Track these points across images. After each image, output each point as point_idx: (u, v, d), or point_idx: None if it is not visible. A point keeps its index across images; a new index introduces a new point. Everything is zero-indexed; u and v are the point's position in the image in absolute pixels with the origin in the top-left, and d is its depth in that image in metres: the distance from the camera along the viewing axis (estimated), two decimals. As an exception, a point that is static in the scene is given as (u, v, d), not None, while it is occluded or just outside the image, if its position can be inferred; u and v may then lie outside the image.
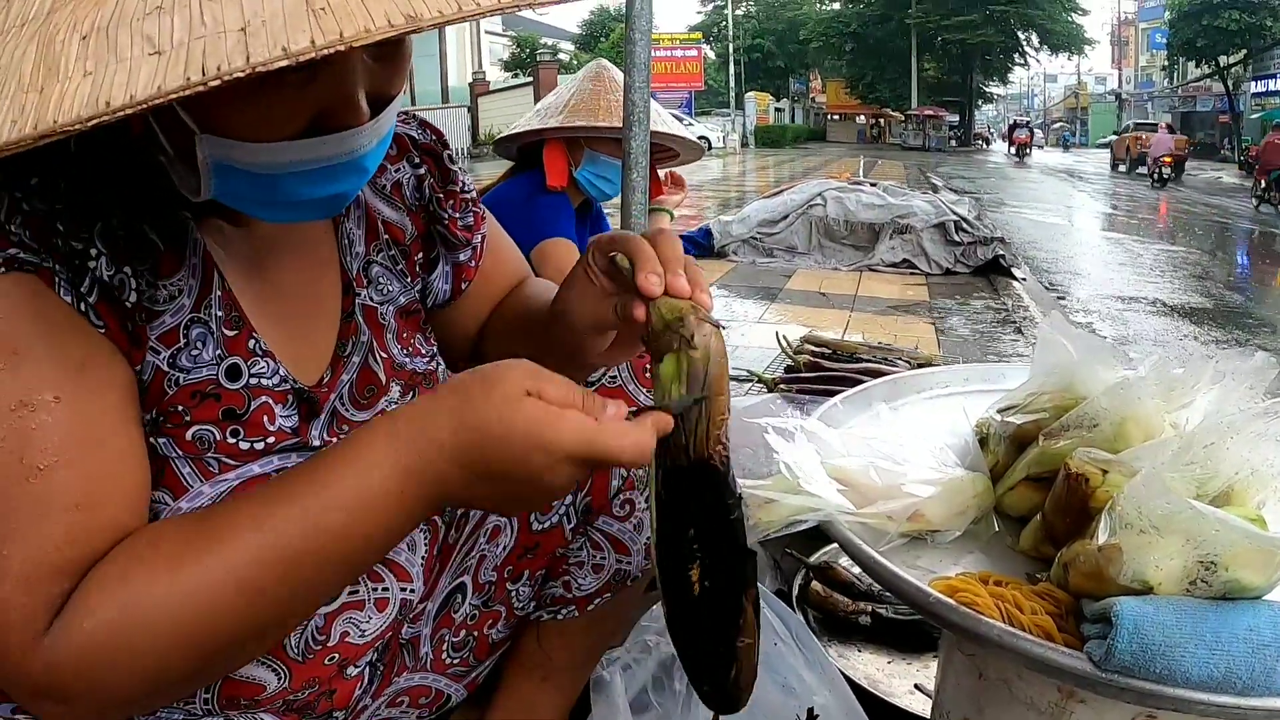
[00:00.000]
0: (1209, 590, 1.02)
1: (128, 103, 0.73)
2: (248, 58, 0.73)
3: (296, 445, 1.18)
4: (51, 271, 0.96)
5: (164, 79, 0.73)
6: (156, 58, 0.74)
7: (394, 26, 0.76)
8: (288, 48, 0.73)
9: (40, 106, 0.76)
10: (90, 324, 0.99)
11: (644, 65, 2.36)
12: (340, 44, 0.74)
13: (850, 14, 70.17)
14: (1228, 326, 8.54)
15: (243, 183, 1.00)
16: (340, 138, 1.00)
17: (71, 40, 0.77)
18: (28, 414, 0.93)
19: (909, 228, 9.18)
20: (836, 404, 1.65)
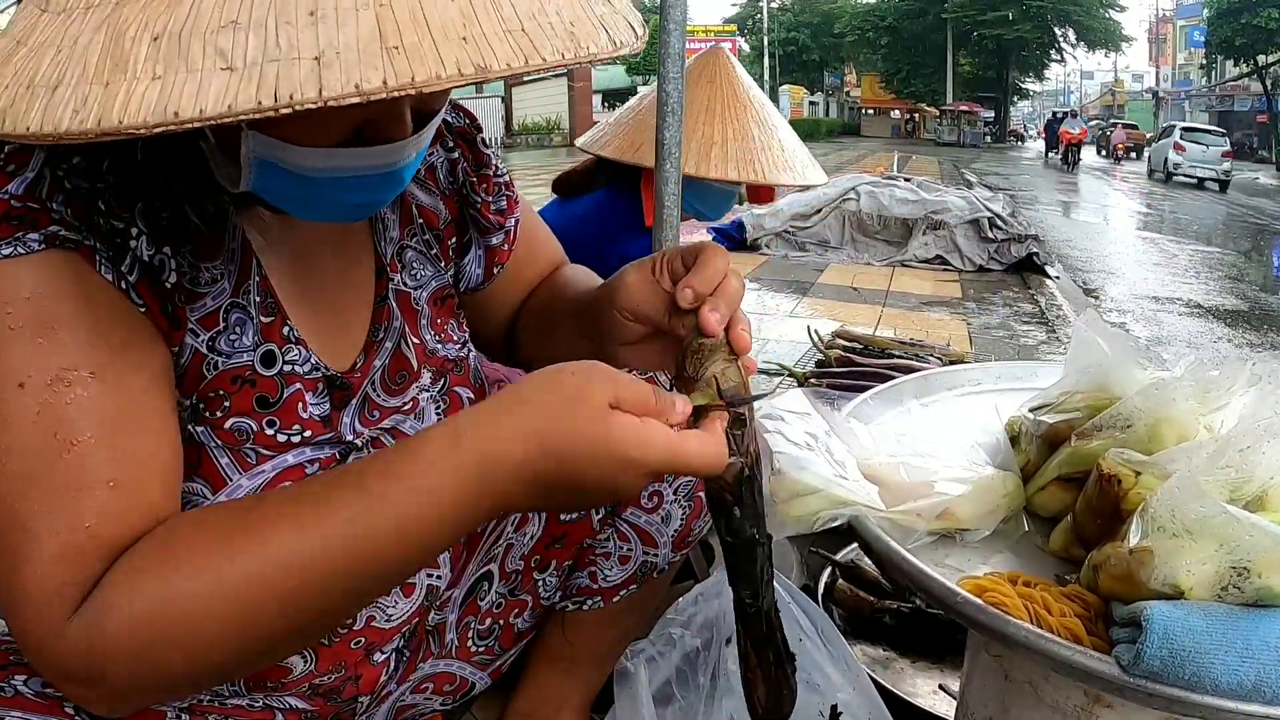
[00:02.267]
0: (1241, 596, 1.01)
1: (197, 116, 0.73)
2: (320, 90, 0.73)
3: (330, 438, 1.18)
4: (93, 249, 0.96)
5: (235, 98, 0.73)
6: (228, 73, 0.74)
7: (464, 75, 0.77)
8: (360, 85, 0.74)
9: (105, 102, 0.76)
10: (131, 303, 0.99)
11: (678, 56, 2.33)
12: (411, 88, 0.75)
13: (886, 8, 69.86)
14: (1263, 329, 8.46)
15: (282, 181, 1.00)
16: (383, 150, 1.00)
17: (142, 39, 0.77)
18: (63, 389, 0.93)
19: (942, 223, 9.14)
20: (867, 400, 1.64)
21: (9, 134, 0.80)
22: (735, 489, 1.07)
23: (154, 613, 0.92)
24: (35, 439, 0.92)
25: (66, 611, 0.92)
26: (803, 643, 1.65)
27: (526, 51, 0.80)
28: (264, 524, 0.96)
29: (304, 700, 1.27)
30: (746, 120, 2.75)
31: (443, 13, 0.78)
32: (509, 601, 1.50)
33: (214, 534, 0.96)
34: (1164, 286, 10.50)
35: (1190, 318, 8.85)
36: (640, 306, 1.23)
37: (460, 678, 1.49)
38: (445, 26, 0.78)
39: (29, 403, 0.92)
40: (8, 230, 0.93)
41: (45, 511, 0.92)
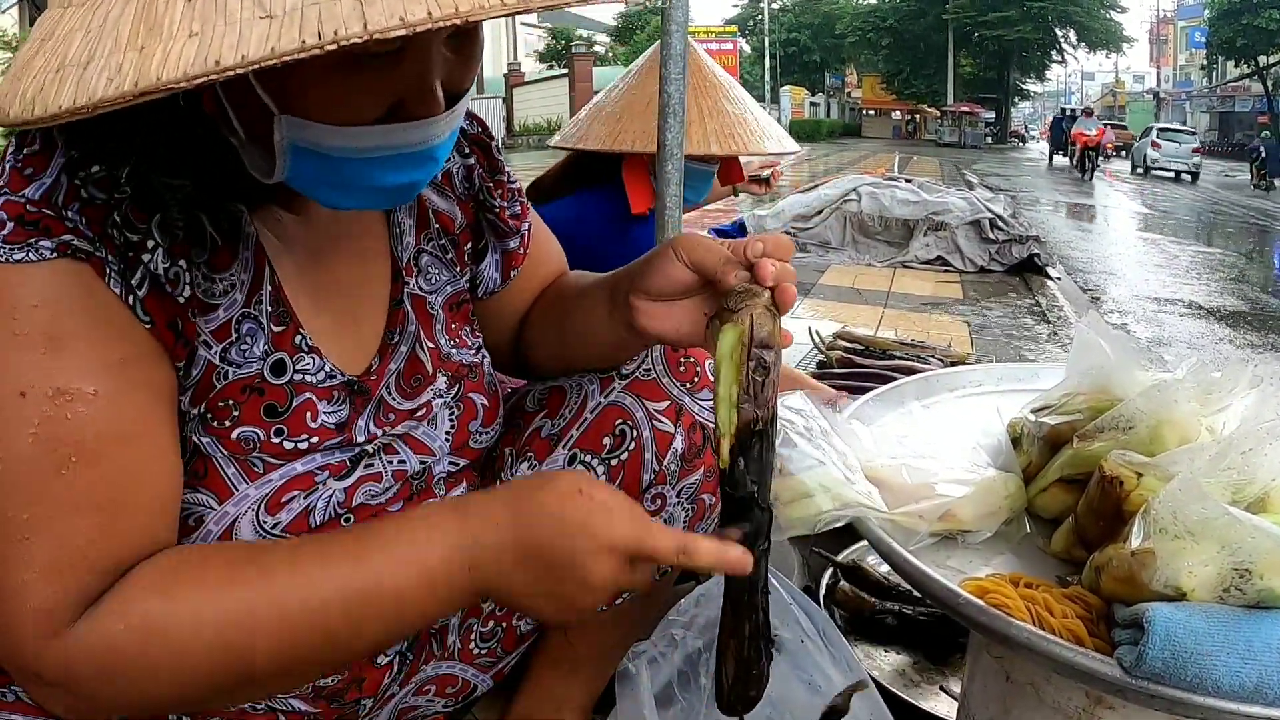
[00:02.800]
0: (1243, 598, 1.01)
1: (239, 62, 0.73)
2: (365, 24, 0.73)
3: (340, 443, 1.18)
4: (104, 261, 0.96)
5: (278, 41, 0.73)
6: (268, 21, 0.74)
7: (506, 6, 0.76)
8: (405, 17, 0.73)
9: (141, 64, 0.76)
10: (136, 319, 0.99)
11: (680, 57, 2.34)
12: (456, 18, 0.74)
13: (887, 9, 69.85)
14: (1264, 330, 8.45)
15: (317, 166, 1.00)
16: (418, 126, 1.00)
17: (175, 3, 0.77)
18: (64, 403, 0.93)
19: (944, 224, 9.13)
20: (869, 401, 1.65)
21: (40, 118, 0.80)
22: (745, 439, 1.07)
23: (147, 633, 0.93)
24: (33, 451, 0.92)
25: (59, 624, 0.93)
26: (804, 644, 1.65)
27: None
28: (272, 564, 1.00)
29: (307, 703, 1.27)
30: (718, 98, 2.82)
31: None
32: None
33: (216, 567, 0.99)
34: (1165, 287, 10.49)
35: (1191, 318, 8.85)
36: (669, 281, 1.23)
37: (462, 680, 1.49)
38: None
39: (29, 413, 0.93)
40: (21, 235, 0.93)
41: (37, 524, 0.93)
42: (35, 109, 0.80)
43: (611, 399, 1.46)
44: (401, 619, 1.05)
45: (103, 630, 0.93)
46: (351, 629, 1.01)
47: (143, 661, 0.94)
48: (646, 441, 1.46)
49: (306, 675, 1.10)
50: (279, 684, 1.07)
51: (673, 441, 1.46)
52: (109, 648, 0.93)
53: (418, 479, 1.31)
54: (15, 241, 0.93)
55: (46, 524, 0.93)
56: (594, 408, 1.46)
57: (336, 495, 1.20)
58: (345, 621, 1.00)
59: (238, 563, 1.00)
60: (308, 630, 0.99)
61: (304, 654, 1.01)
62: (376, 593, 1.01)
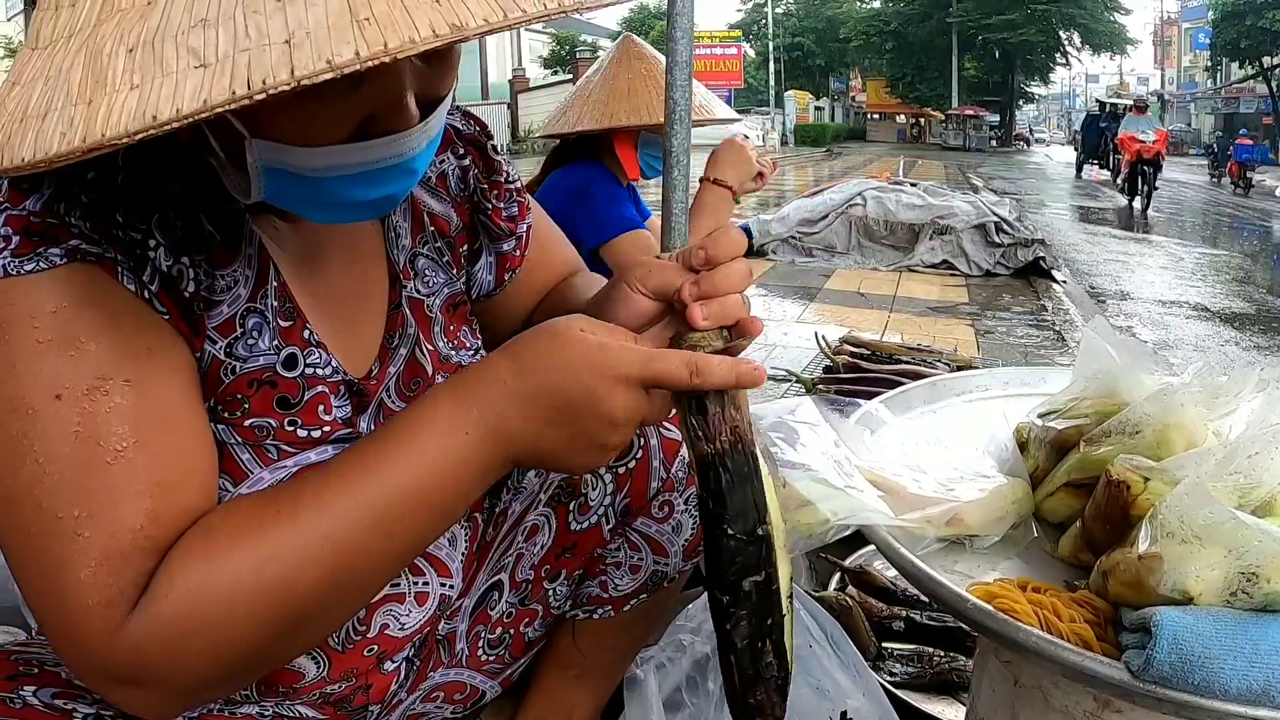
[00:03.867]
0: (1250, 602, 1.01)
1: (174, 116, 0.74)
2: (292, 70, 0.73)
3: (351, 436, 1.19)
4: (114, 261, 0.97)
5: (209, 93, 0.74)
6: (202, 70, 0.74)
7: (439, 37, 0.76)
8: (331, 60, 0.73)
9: (89, 119, 0.77)
10: (155, 311, 1.00)
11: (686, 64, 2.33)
12: (385, 55, 0.74)
13: (891, 12, 69.82)
14: (1270, 332, 8.44)
15: (293, 185, 1.01)
16: (390, 141, 0.99)
17: (118, 53, 0.78)
18: (101, 398, 0.94)
19: (949, 228, 9.13)
20: (875, 406, 1.65)
21: (7, 169, 0.81)
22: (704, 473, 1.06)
23: (195, 597, 0.93)
24: (78, 448, 0.93)
25: (121, 617, 0.92)
26: (812, 649, 1.66)
27: (504, 5, 0.79)
28: (296, 498, 0.99)
29: (315, 709, 1.27)
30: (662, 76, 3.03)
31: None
32: (519, 611, 1.50)
33: (248, 515, 0.99)
34: (1170, 290, 10.48)
35: (1197, 321, 8.83)
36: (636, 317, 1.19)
37: (471, 686, 1.49)
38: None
39: (68, 413, 0.93)
40: (29, 246, 0.94)
41: (92, 519, 0.93)
42: (4, 159, 0.81)
43: (619, 406, 1.46)
44: (440, 510, 1.04)
45: (156, 611, 0.92)
46: (389, 538, 1.00)
47: (198, 626, 0.93)
48: (654, 449, 1.47)
49: (360, 597, 1.07)
50: (334, 613, 1.05)
51: (680, 449, 1.46)
52: (168, 622, 0.92)
53: None
54: (24, 254, 0.93)
55: (99, 518, 0.93)
56: None
57: None
58: (379, 534, 0.99)
59: (266, 506, 0.99)
60: (343, 551, 0.98)
61: (349, 576, 1.00)
62: (403, 497, 1.00)
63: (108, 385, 0.94)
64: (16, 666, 1.09)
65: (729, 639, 1.07)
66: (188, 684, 0.97)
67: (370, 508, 0.99)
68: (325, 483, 1.00)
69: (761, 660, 1.07)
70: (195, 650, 0.94)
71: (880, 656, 2.20)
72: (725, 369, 1.03)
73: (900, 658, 2.19)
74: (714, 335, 1.09)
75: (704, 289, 1.09)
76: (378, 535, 0.99)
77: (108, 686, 0.97)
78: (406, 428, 1.02)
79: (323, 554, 0.97)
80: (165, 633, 0.93)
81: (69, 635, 0.94)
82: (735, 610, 1.06)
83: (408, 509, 1.00)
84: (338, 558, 0.98)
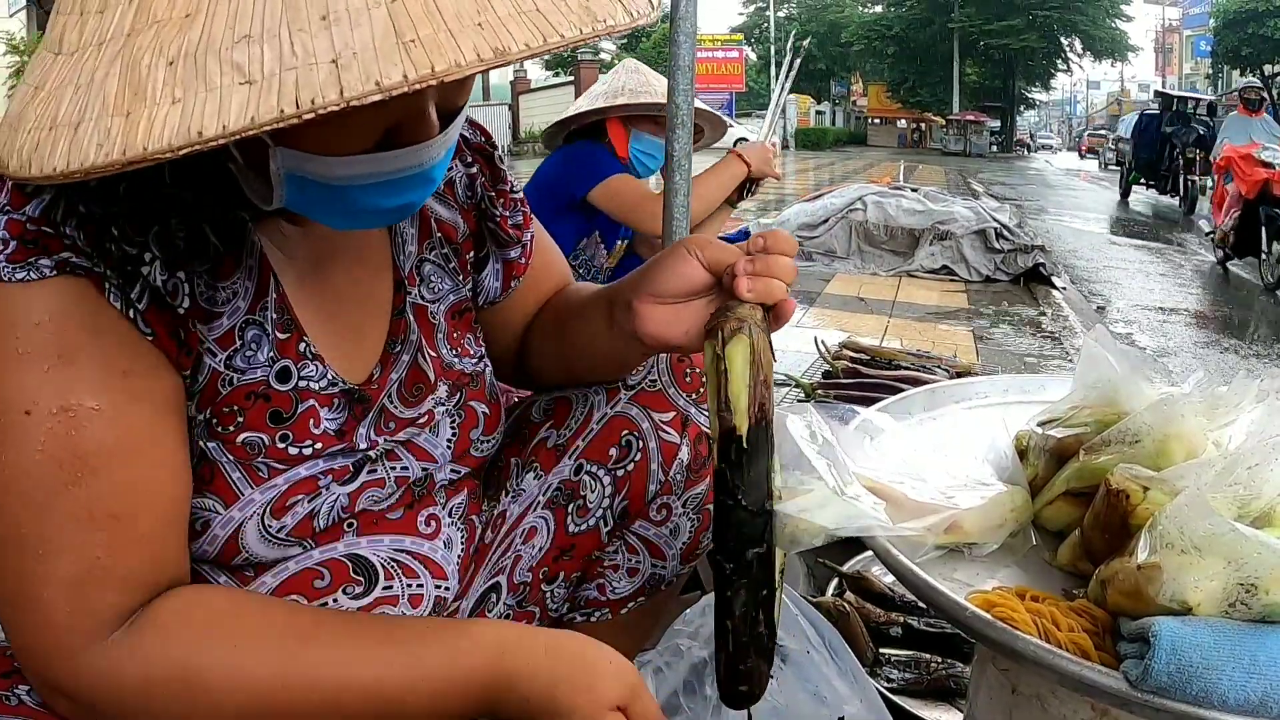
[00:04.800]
0: (1248, 613, 1.01)
1: (220, 133, 0.74)
2: (341, 91, 0.74)
3: (342, 449, 1.20)
4: (103, 277, 0.98)
5: (257, 109, 0.74)
6: (248, 87, 0.75)
7: (483, 61, 0.78)
8: (380, 81, 0.75)
9: (128, 131, 0.77)
10: (138, 332, 1.00)
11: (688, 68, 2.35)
12: (431, 79, 0.76)
13: (892, 17, 69.86)
14: (1269, 341, 8.44)
15: (314, 193, 1.01)
16: (413, 151, 1.01)
17: (158, 65, 0.78)
18: (69, 419, 0.95)
19: (949, 234, 9.14)
20: (875, 413, 1.65)
21: (35, 177, 0.81)
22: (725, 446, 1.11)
23: (184, 679, 0.97)
24: (41, 468, 0.95)
25: (85, 636, 0.95)
26: (809, 654, 1.65)
27: (544, 30, 0.81)
28: (304, 633, 1.05)
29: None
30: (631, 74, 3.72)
31: (456, 1, 0.79)
32: (517, 613, 1.50)
33: (254, 619, 1.03)
34: (1170, 297, 10.48)
35: (1196, 328, 8.84)
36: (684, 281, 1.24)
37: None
38: (460, 14, 0.78)
39: (35, 431, 0.95)
40: (23, 254, 0.94)
41: (52, 540, 0.95)
42: (31, 167, 0.81)
43: (617, 410, 1.46)
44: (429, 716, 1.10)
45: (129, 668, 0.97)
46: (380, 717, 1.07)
47: (176, 708, 0.98)
48: (653, 452, 1.47)
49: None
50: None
51: (678, 452, 1.47)
52: (134, 686, 0.97)
53: (419, 485, 1.32)
54: (17, 261, 0.94)
55: (61, 540, 0.95)
56: (600, 418, 1.47)
57: (340, 500, 1.21)
58: (378, 711, 1.05)
59: (277, 624, 1.04)
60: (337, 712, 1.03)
61: None
62: (412, 689, 1.06)
63: (77, 409, 0.96)
64: (12, 664, 1.09)
65: (729, 606, 1.13)
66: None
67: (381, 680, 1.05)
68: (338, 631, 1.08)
69: (755, 629, 1.13)
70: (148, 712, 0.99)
71: (878, 662, 2.20)
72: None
73: (898, 664, 2.19)
74: (755, 311, 1.15)
75: (756, 268, 1.16)
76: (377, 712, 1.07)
77: (45, 693, 1.01)
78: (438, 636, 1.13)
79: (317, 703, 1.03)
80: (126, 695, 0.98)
81: (29, 644, 0.98)
82: (737, 579, 1.12)
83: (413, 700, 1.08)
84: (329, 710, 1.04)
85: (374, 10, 0.77)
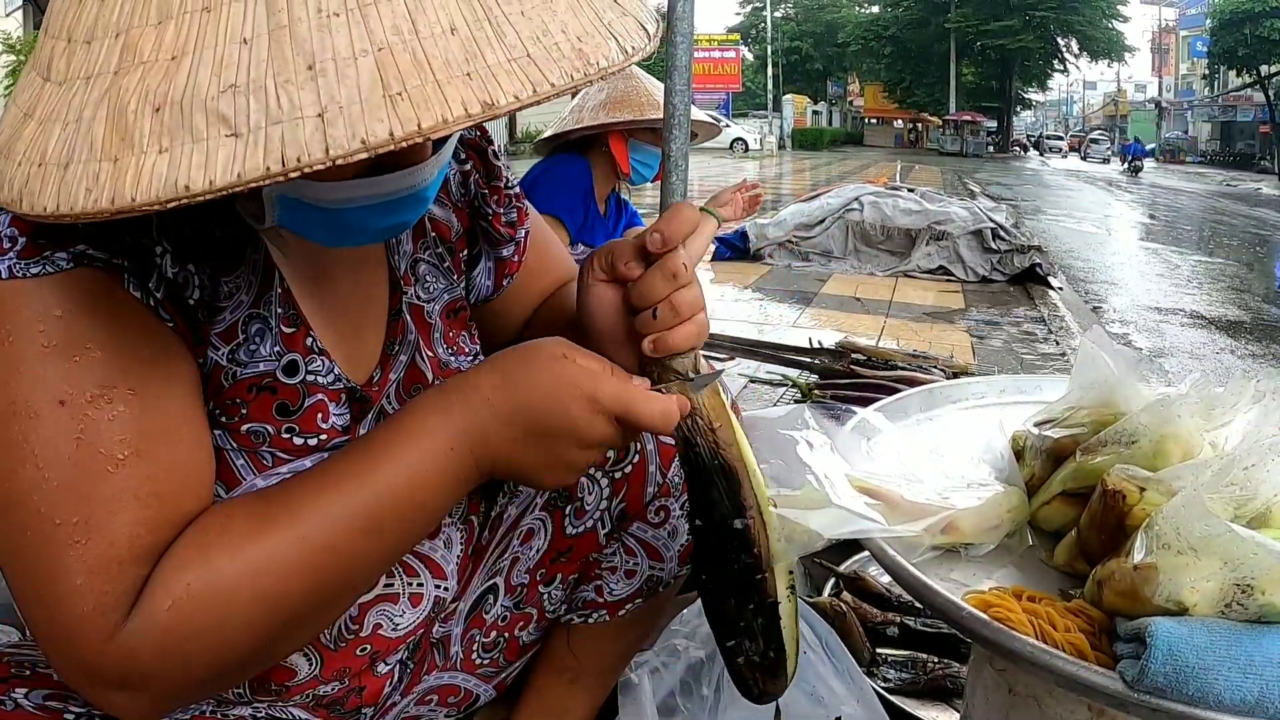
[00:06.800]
0: (1244, 613, 1.01)
1: (207, 189, 0.74)
2: (326, 149, 0.73)
3: (347, 443, 1.19)
4: (120, 268, 0.97)
5: (243, 166, 0.74)
6: (234, 140, 0.74)
7: (471, 116, 0.77)
8: (366, 139, 0.74)
9: (116, 178, 0.76)
10: (159, 319, 1.00)
11: (685, 68, 2.36)
12: (418, 136, 0.75)
13: (889, 17, 70.05)
14: (1265, 341, 8.45)
15: (307, 214, 1.02)
16: (406, 174, 1.01)
17: (144, 111, 0.77)
18: (105, 405, 0.95)
19: (946, 234, 9.15)
20: (871, 414, 1.65)
21: (28, 214, 0.81)
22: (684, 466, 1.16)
23: (195, 598, 0.95)
24: (79, 455, 0.94)
25: (115, 623, 0.94)
26: (807, 654, 1.66)
27: (534, 80, 0.80)
28: (290, 499, 1.03)
29: (308, 711, 1.27)
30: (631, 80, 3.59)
31: (444, 50, 0.78)
32: (514, 614, 1.50)
33: (243, 517, 1.01)
34: (1166, 297, 10.49)
35: (1192, 328, 8.85)
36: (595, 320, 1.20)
37: (465, 690, 1.49)
38: (448, 64, 0.77)
39: (71, 420, 0.94)
40: (36, 250, 0.94)
41: (89, 526, 0.94)
42: (23, 203, 0.81)
43: (615, 411, 1.46)
44: (425, 514, 1.09)
45: (152, 613, 0.94)
46: (376, 542, 1.04)
47: (195, 631, 0.95)
48: (650, 454, 1.47)
49: (348, 598, 1.12)
50: (323, 616, 1.09)
51: (676, 454, 1.47)
52: (164, 628, 0.94)
53: None
54: (30, 256, 0.94)
55: (97, 525, 0.93)
56: None
57: None
58: (368, 538, 1.03)
59: (260, 512, 1.01)
60: (334, 556, 1.01)
61: (338, 579, 1.03)
62: (392, 502, 1.04)
63: (111, 393, 0.95)
64: (9, 668, 1.09)
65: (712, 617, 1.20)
66: (179, 687, 0.99)
67: (361, 512, 1.02)
68: (317, 488, 1.04)
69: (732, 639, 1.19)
70: (191, 654, 0.96)
71: (875, 662, 2.20)
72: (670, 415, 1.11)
73: (895, 664, 2.19)
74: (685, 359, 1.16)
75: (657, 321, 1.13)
76: (367, 538, 1.03)
77: (94, 690, 0.98)
78: (394, 436, 1.07)
79: (315, 559, 1.00)
80: (162, 638, 0.94)
81: (60, 639, 0.95)
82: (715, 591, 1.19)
83: (396, 512, 1.04)
84: (330, 561, 1.01)
85: (360, 59, 0.76)
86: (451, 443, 1.06)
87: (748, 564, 1.15)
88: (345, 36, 0.76)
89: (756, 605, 1.17)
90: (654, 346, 1.13)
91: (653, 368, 1.15)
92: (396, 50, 0.76)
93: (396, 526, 1.05)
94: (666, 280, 1.12)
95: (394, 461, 1.04)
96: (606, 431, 1.08)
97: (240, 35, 0.76)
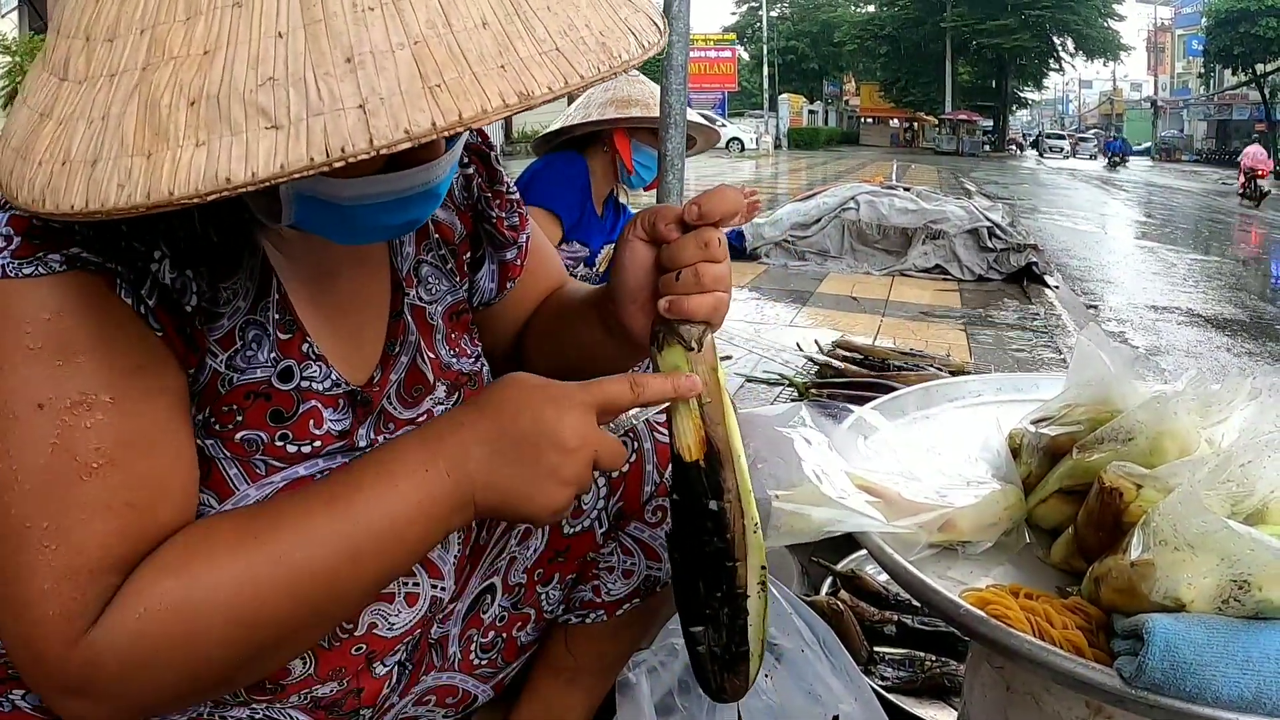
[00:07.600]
0: (1241, 609, 1.01)
1: (249, 180, 0.74)
2: (371, 140, 0.74)
3: (343, 448, 1.19)
4: (113, 273, 0.97)
5: (286, 157, 0.74)
6: (274, 132, 0.74)
7: (509, 106, 0.78)
8: (410, 129, 0.74)
9: (150, 173, 0.76)
10: (148, 327, 1.00)
11: (681, 68, 2.35)
12: (460, 126, 0.76)
13: (885, 17, 70.04)
14: (1261, 338, 8.46)
15: (323, 212, 1.02)
16: (420, 170, 1.02)
17: (179, 105, 0.76)
18: (83, 413, 0.94)
19: (942, 233, 9.14)
20: (868, 412, 1.65)
21: (50, 213, 0.80)
22: None
23: (169, 610, 0.94)
24: (54, 460, 0.93)
25: (79, 629, 0.93)
26: (804, 653, 1.66)
27: (564, 71, 0.81)
28: (271, 522, 1.02)
29: (306, 713, 1.27)
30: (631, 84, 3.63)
31: (478, 43, 0.78)
32: (512, 615, 1.50)
33: (224, 534, 1.01)
34: (1163, 295, 10.50)
35: (1189, 326, 8.85)
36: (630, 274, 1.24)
37: (463, 690, 1.49)
38: (483, 56, 0.78)
39: (48, 425, 0.93)
40: (30, 249, 0.93)
41: (60, 532, 0.93)
42: (46, 203, 0.80)
43: (612, 410, 1.46)
44: (408, 547, 1.08)
45: (121, 621, 0.93)
46: (359, 570, 1.04)
47: (165, 643, 0.95)
48: (647, 453, 1.47)
49: (324, 626, 1.11)
50: (299, 640, 1.08)
51: (672, 453, 1.47)
52: (133, 635, 0.93)
53: None
54: (24, 256, 0.93)
55: (67, 532, 0.93)
56: None
57: None
58: (354, 564, 1.03)
59: (243, 528, 1.01)
60: (312, 579, 1.00)
61: (315, 603, 1.03)
62: (377, 531, 1.04)
63: (90, 400, 0.95)
64: (6, 670, 1.09)
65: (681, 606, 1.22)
66: (144, 699, 0.99)
67: (345, 538, 1.02)
68: (304, 509, 1.03)
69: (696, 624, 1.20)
70: (159, 665, 0.96)
71: (872, 661, 2.20)
72: (663, 383, 1.13)
73: (892, 662, 2.20)
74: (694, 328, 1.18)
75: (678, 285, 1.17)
76: (350, 566, 1.03)
77: (54, 695, 0.98)
78: (379, 467, 1.08)
79: (296, 580, 1.00)
80: (129, 646, 0.94)
81: (23, 641, 0.95)
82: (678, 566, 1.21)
83: (379, 543, 1.05)
84: (310, 585, 1.01)
85: (399, 52, 0.76)
86: (437, 474, 1.07)
87: (719, 548, 1.15)
88: (381, 30, 0.76)
89: (725, 594, 1.17)
90: (669, 306, 1.16)
91: (661, 330, 1.17)
92: (432, 43, 0.77)
93: (380, 556, 1.05)
94: (698, 248, 1.16)
95: (381, 491, 1.05)
96: (581, 425, 1.09)
97: (275, 29, 0.76)
